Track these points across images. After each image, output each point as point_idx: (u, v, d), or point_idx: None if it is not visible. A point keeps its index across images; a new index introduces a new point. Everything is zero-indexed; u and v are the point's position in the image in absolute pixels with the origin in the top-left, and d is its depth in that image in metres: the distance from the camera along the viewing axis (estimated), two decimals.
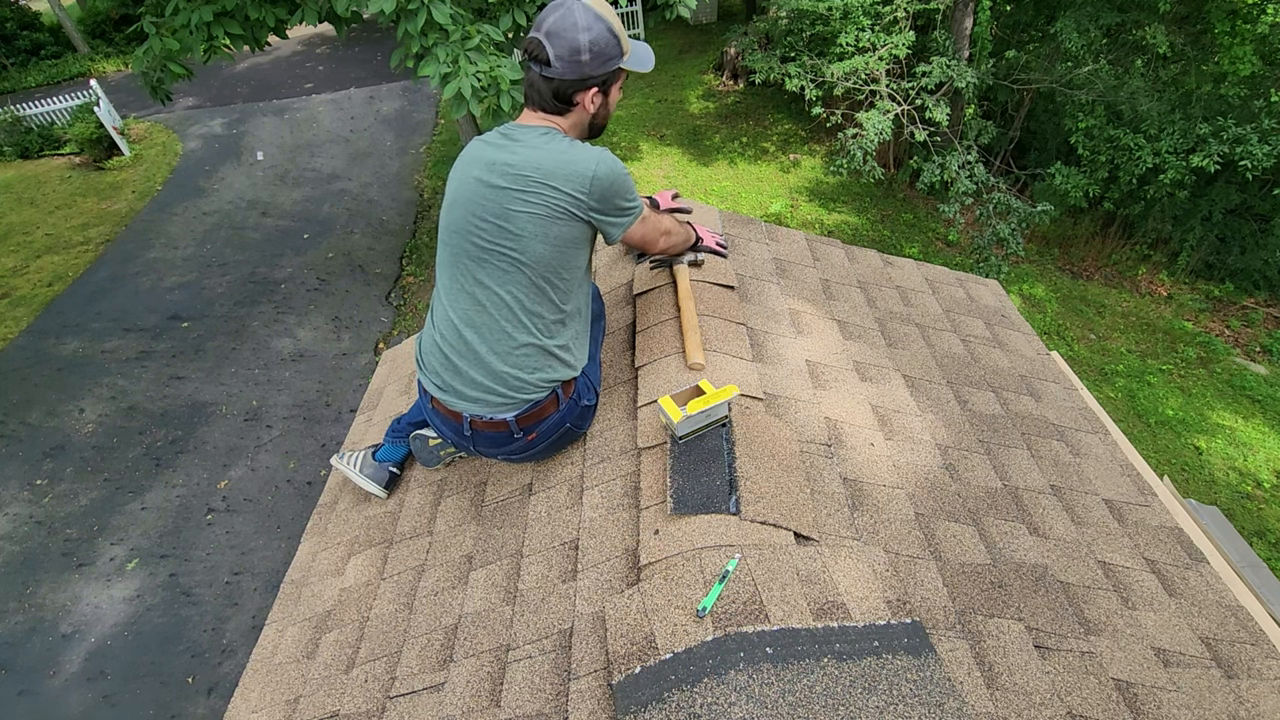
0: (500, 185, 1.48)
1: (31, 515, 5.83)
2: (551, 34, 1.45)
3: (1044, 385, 2.32)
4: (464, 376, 1.58)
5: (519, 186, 1.46)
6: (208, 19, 5.25)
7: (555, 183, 1.45)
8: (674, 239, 1.88)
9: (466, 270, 1.55)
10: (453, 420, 1.66)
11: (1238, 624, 1.61)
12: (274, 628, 1.92)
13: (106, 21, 16.96)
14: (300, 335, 7.73)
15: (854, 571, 1.33)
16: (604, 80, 1.53)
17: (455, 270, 1.57)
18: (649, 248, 1.84)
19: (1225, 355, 7.58)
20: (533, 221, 1.47)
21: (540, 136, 1.51)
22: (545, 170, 1.46)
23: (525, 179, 1.46)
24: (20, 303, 8.44)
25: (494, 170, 1.50)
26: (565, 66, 1.47)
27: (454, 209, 1.56)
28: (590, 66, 1.48)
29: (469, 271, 1.54)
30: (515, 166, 1.47)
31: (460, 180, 1.56)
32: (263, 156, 11.63)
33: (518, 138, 1.52)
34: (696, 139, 11.49)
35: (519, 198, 1.46)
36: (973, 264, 7.68)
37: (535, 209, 1.46)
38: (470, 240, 1.53)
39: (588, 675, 1.24)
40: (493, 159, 1.51)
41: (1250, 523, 5.75)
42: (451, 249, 1.58)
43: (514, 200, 1.47)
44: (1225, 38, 7.20)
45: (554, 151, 1.48)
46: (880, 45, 8.48)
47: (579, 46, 1.45)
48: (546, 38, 1.46)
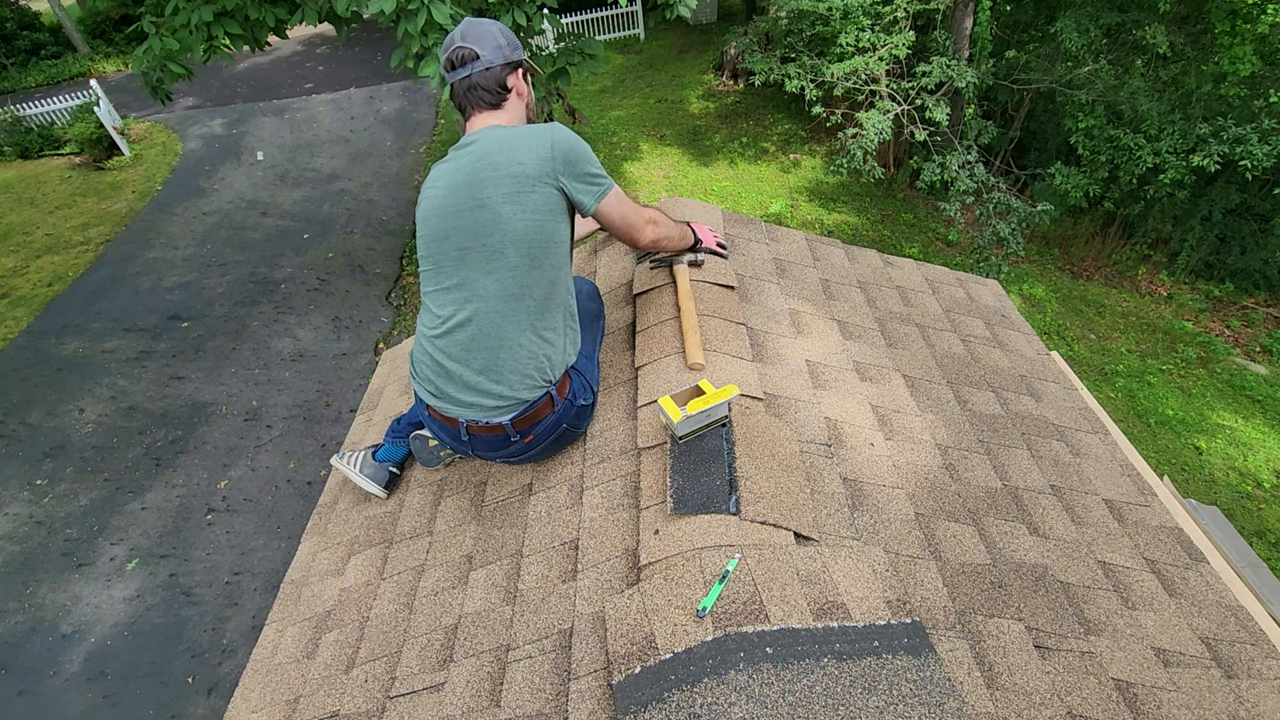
0: (466, 182, 1.54)
1: (31, 515, 5.83)
2: (468, 35, 1.66)
3: (1044, 385, 2.32)
4: (456, 381, 1.59)
5: (488, 171, 1.52)
6: (208, 19, 5.25)
7: (520, 156, 1.53)
8: (663, 230, 1.83)
9: (448, 273, 1.57)
10: (449, 426, 1.66)
11: (1238, 624, 1.61)
12: (274, 628, 1.92)
13: (106, 21, 16.96)
14: (300, 335, 7.73)
15: (854, 571, 1.33)
16: (521, 64, 1.72)
17: (438, 276, 1.59)
18: (635, 233, 1.74)
19: (1225, 355, 7.58)
20: (507, 199, 1.51)
21: (491, 130, 1.61)
22: (507, 149, 1.54)
23: (492, 163, 1.53)
24: (20, 303, 8.44)
25: (457, 174, 1.57)
26: (492, 53, 1.65)
27: (429, 221, 1.61)
28: (508, 50, 1.67)
29: (451, 274, 1.57)
30: (479, 156, 1.55)
31: (430, 197, 1.62)
32: (263, 156, 11.63)
33: (471, 141, 1.61)
34: (696, 139, 11.48)
35: (489, 179, 1.52)
36: (973, 264, 7.68)
37: (505, 186, 1.52)
38: (448, 242, 1.56)
39: (588, 675, 1.24)
40: (455, 165, 1.59)
41: (1250, 523, 5.75)
42: (432, 258, 1.60)
43: (484, 185, 1.52)
44: (1225, 38, 7.20)
45: (509, 133, 1.58)
46: (880, 45, 8.48)
47: (493, 33, 1.67)
48: (466, 41, 1.66)
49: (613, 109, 12.61)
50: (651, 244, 1.84)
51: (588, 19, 14.59)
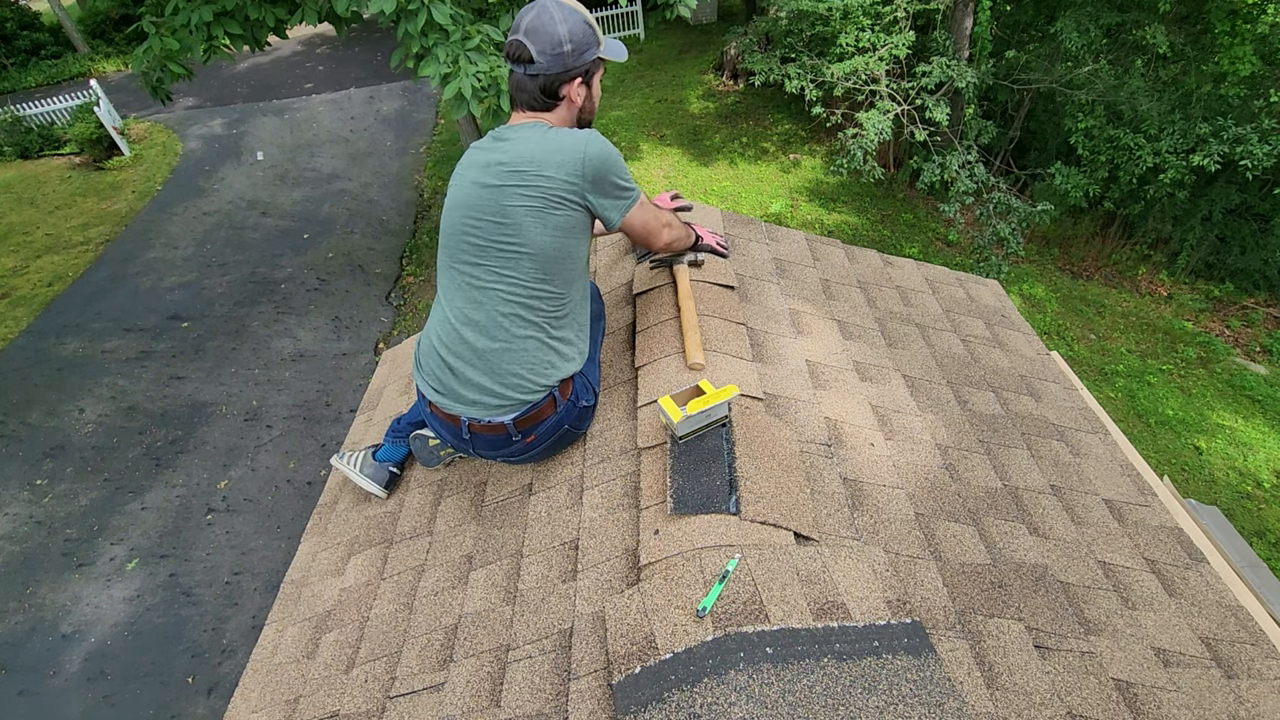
0: (495, 184, 1.50)
1: (31, 515, 5.83)
2: (531, 32, 1.49)
3: (1044, 385, 2.32)
4: (461, 378, 1.59)
5: (514, 182, 1.48)
6: (208, 19, 5.26)
7: (549, 170, 1.47)
8: (676, 232, 1.84)
9: (464, 270, 1.56)
10: (451, 424, 1.66)
11: (1238, 624, 1.61)
12: (274, 628, 1.92)
13: (106, 21, 16.96)
14: (300, 335, 7.73)
15: (854, 571, 1.32)
16: (586, 70, 1.57)
17: (453, 272, 1.59)
18: (652, 239, 1.75)
19: (1225, 355, 7.57)
20: (530, 214, 1.48)
21: (530, 131, 1.53)
22: (538, 160, 1.47)
23: (520, 174, 1.48)
24: (20, 303, 8.44)
25: (489, 171, 1.52)
26: (549, 61, 1.51)
27: (452, 213, 1.58)
28: (572, 58, 1.52)
29: (467, 271, 1.56)
30: (508, 164, 1.49)
31: (457, 186, 1.58)
32: (263, 156, 11.63)
33: (508, 137, 1.54)
34: (697, 139, 11.48)
35: (515, 192, 1.48)
36: (973, 264, 7.68)
37: (532, 200, 1.47)
38: (467, 239, 1.54)
39: (588, 675, 1.24)
40: (487, 160, 1.53)
41: (1250, 523, 5.75)
42: (449, 251, 1.59)
43: (510, 195, 1.48)
44: (1225, 38, 7.20)
45: (544, 140, 1.50)
46: (880, 45, 8.48)
47: (559, 39, 1.49)
48: (526, 36, 1.50)
49: (613, 109, 12.62)
50: (665, 247, 1.83)
51: None
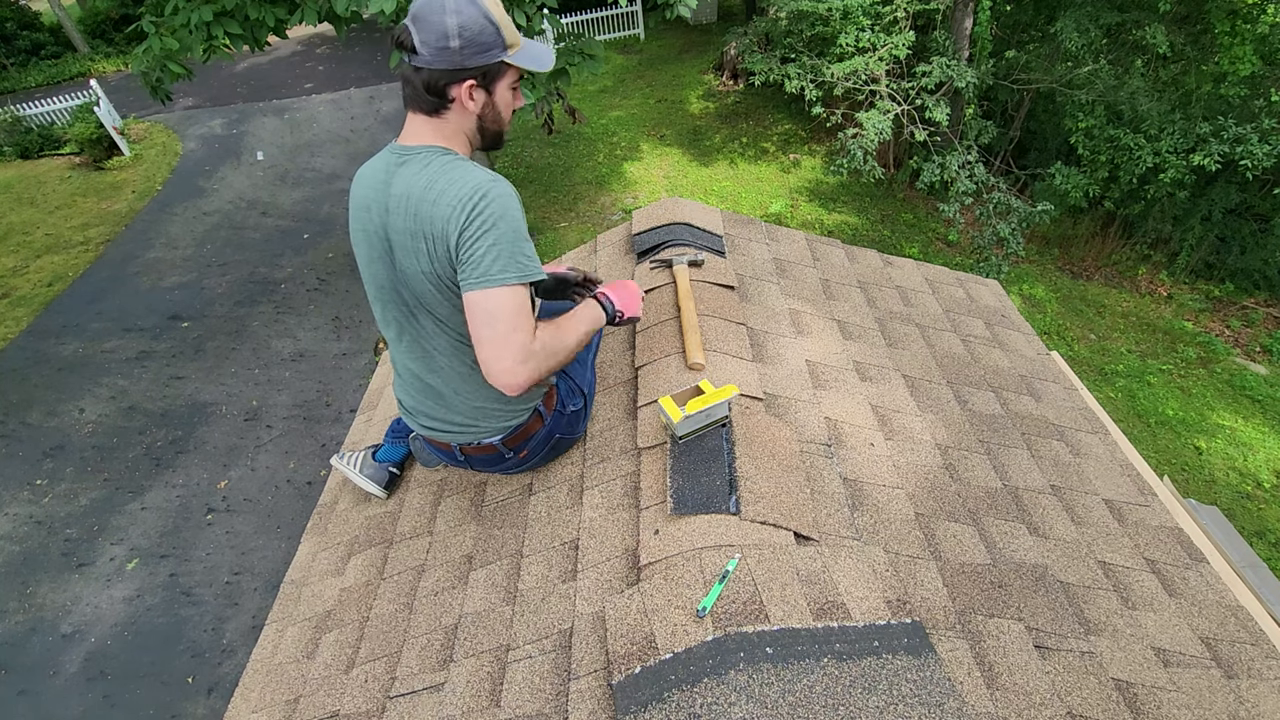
0: (378, 226, 1.37)
1: (31, 515, 5.83)
2: (417, 18, 1.27)
3: (1044, 385, 2.31)
4: (439, 417, 1.60)
5: (396, 223, 1.33)
6: (207, 19, 5.26)
7: (425, 224, 1.29)
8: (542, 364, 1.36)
9: (405, 324, 1.47)
10: (444, 450, 1.69)
11: (1238, 624, 1.61)
12: (274, 628, 1.92)
13: (106, 21, 16.97)
14: (300, 335, 7.73)
15: (854, 571, 1.32)
16: (483, 74, 1.32)
17: (390, 320, 1.49)
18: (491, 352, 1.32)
19: (1225, 355, 7.57)
20: (412, 263, 1.33)
21: (419, 162, 1.33)
22: (418, 209, 1.30)
23: (402, 213, 1.32)
24: (20, 303, 8.44)
25: (370, 214, 1.38)
26: (433, 54, 1.27)
27: (371, 265, 1.43)
28: (463, 56, 1.28)
29: (408, 324, 1.47)
30: (392, 200, 1.33)
31: (361, 228, 1.41)
32: (263, 156, 11.63)
33: (399, 160, 1.36)
34: (696, 139, 11.48)
35: (396, 234, 1.33)
36: (973, 264, 7.68)
37: (410, 248, 1.32)
38: (395, 292, 1.43)
39: (588, 675, 1.24)
40: (381, 200, 1.36)
41: (1250, 523, 5.74)
42: (382, 304, 1.47)
43: (392, 236, 1.34)
44: (1225, 38, 7.20)
45: (432, 182, 1.29)
46: (880, 45, 8.49)
47: (446, 31, 1.25)
48: (412, 22, 1.28)
49: (613, 109, 12.61)
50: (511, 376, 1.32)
51: (588, 19, 14.59)
